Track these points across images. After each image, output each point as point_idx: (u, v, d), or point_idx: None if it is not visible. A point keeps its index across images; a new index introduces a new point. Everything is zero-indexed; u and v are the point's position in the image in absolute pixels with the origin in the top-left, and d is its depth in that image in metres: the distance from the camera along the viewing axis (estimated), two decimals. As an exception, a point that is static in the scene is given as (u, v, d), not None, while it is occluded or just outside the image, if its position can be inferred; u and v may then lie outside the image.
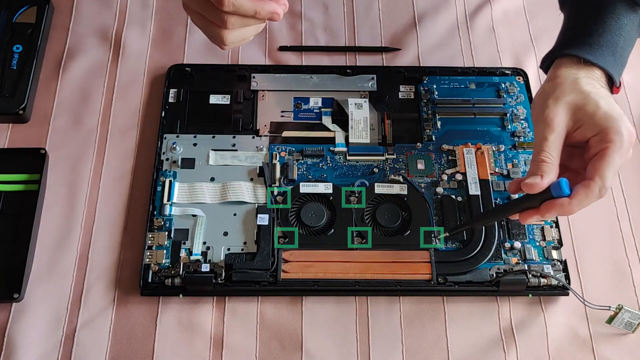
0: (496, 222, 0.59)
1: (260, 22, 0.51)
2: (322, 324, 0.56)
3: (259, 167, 0.62)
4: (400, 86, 0.68)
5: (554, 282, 0.56)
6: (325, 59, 0.71)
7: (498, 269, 0.57)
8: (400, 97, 0.67)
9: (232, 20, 0.49)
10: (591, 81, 0.49)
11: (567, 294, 0.57)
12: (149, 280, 0.56)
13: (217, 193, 0.60)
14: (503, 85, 0.68)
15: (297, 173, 0.62)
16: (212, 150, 0.63)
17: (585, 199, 0.45)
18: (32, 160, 0.61)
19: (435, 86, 0.68)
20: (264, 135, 0.64)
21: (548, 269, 0.57)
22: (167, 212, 0.59)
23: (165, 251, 0.58)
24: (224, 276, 0.56)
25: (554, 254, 0.58)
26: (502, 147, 0.64)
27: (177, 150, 0.63)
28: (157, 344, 0.55)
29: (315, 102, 0.67)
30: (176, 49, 0.71)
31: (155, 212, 0.59)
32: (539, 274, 0.56)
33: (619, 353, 0.55)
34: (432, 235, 0.58)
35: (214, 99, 0.66)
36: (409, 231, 0.58)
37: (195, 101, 0.66)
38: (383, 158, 0.63)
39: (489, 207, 0.60)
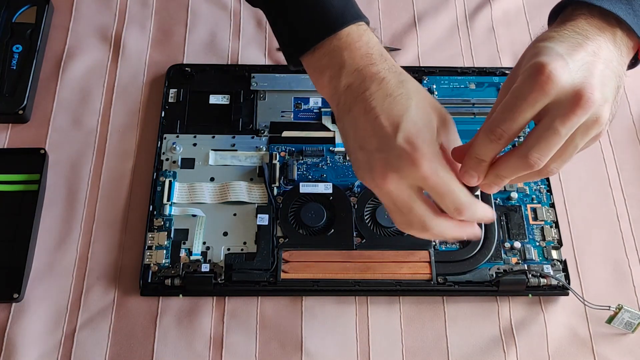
0: (496, 223, 0.59)
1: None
2: (322, 324, 0.56)
3: (259, 167, 0.62)
4: (400, 86, 0.68)
5: (554, 282, 0.56)
6: (325, 59, 0.71)
7: (498, 269, 0.57)
8: (400, 97, 0.67)
9: (436, 227, 0.43)
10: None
11: (567, 294, 0.57)
12: (149, 280, 0.56)
13: (217, 193, 0.60)
14: (503, 85, 0.68)
15: (297, 173, 0.62)
16: (211, 150, 0.63)
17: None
18: (32, 160, 0.61)
19: (435, 86, 0.67)
20: (264, 135, 0.64)
21: (548, 269, 0.57)
22: (167, 212, 0.59)
23: (165, 251, 0.58)
24: (223, 276, 0.56)
25: (554, 254, 0.58)
26: (502, 147, 0.64)
27: (177, 150, 0.63)
28: (157, 344, 0.55)
29: (315, 102, 0.67)
30: (176, 49, 0.71)
31: (155, 212, 0.59)
32: (538, 274, 0.56)
33: (619, 353, 0.55)
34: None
35: (214, 99, 0.66)
36: (409, 231, 0.58)
37: (195, 101, 0.66)
38: (383, 158, 0.63)
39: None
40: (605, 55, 0.40)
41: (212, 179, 0.61)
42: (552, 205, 0.61)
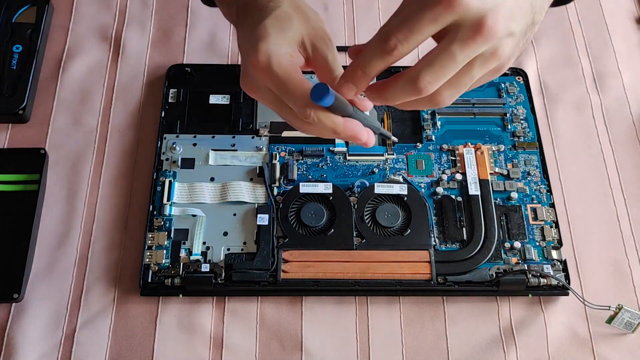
0: (496, 223, 0.59)
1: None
2: (322, 324, 0.56)
3: (259, 167, 0.62)
4: (400, 86, 0.68)
5: (554, 282, 0.56)
6: (325, 59, 0.71)
7: (498, 269, 0.57)
8: (400, 97, 0.67)
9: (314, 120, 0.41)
10: None
11: (567, 294, 0.57)
12: (149, 280, 0.56)
13: (216, 193, 0.60)
14: (503, 85, 0.68)
15: (297, 173, 0.62)
16: (211, 150, 0.63)
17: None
18: (32, 160, 0.61)
19: (435, 86, 0.67)
20: (264, 135, 0.64)
21: (548, 269, 0.57)
22: (167, 212, 0.59)
23: (165, 251, 0.58)
24: (223, 276, 0.56)
25: (554, 254, 0.58)
26: (502, 147, 0.64)
27: (177, 150, 0.63)
28: (157, 344, 0.55)
29: (315, 102, 0.66)
30: (176, 49, 0.71)
31: (155, 212, 0.59)
32: (538, 274, 0.56)
33: (619, 353, 0.55)
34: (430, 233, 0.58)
35: (214, 99, 0.66)
36: (409, 231, 0.58)
37: (195, 101, 0.66)
38: (383, 158, 0.63)
39: (488, 207, 0.60)
40: None
41: (212, 179, 0.61)
42: (552, 205, 0.61)
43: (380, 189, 0.60)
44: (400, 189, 0.60)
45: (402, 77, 0.37)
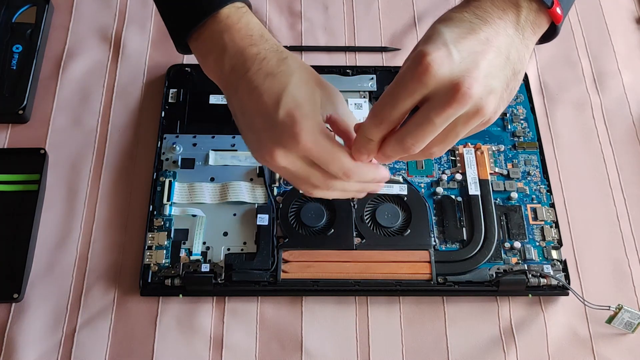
0: (496, 223, 0.59)
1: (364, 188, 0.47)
2: (322, 324, 0.56)
3: (259, 167, 0.62)
4: (400, 86, 0.68)
5: (554, 282, 0.56)
6: (325, 59, 0.71)
7: (498, 269, 0.57)
8: (400, 97, 0.67)
9: (338, 185, 0.45)
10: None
11: (567, 294, 0.57)
12: (149, 280, 0.56)
13: (216, 193, 0.60)
14: (503, 85, 0.68)
15: (297, 173, 0.62)
16: (211, 150, 0.63)
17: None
18: (32, 160, 0.61)
19: (435, 86, 0.67)
20: (264, 135, 0.64)
21: (548, 268, 0.57)
22: (167, 212, 0.59)
23: (165, 251, 0.58)
24: (223, 276, 0.56)
25: (554, 254, 0.58)
26: (502, 147, 0.64)
27: (176, 150, 0.63)
28: (157, 344, 0.55)
29: (315, 102, 0.66)
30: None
31: (155, 212, 0.59)
32: (538, 274, 0.56)
33: (618, 353, 0.55)
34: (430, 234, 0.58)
35: (214, 99, 0.66)
36: (409, 231, 0.58)
37: (195, 101, 0.66)
38: (383, 158, 0.63)
39: (488, 207, 0.60)
40: (500, 42, 0.39)
41: (212, 179, 0.61)
42: (552, 205, 0.61)
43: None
44: (400, 189, 0.60)
45: (392, 138, 0.41)
